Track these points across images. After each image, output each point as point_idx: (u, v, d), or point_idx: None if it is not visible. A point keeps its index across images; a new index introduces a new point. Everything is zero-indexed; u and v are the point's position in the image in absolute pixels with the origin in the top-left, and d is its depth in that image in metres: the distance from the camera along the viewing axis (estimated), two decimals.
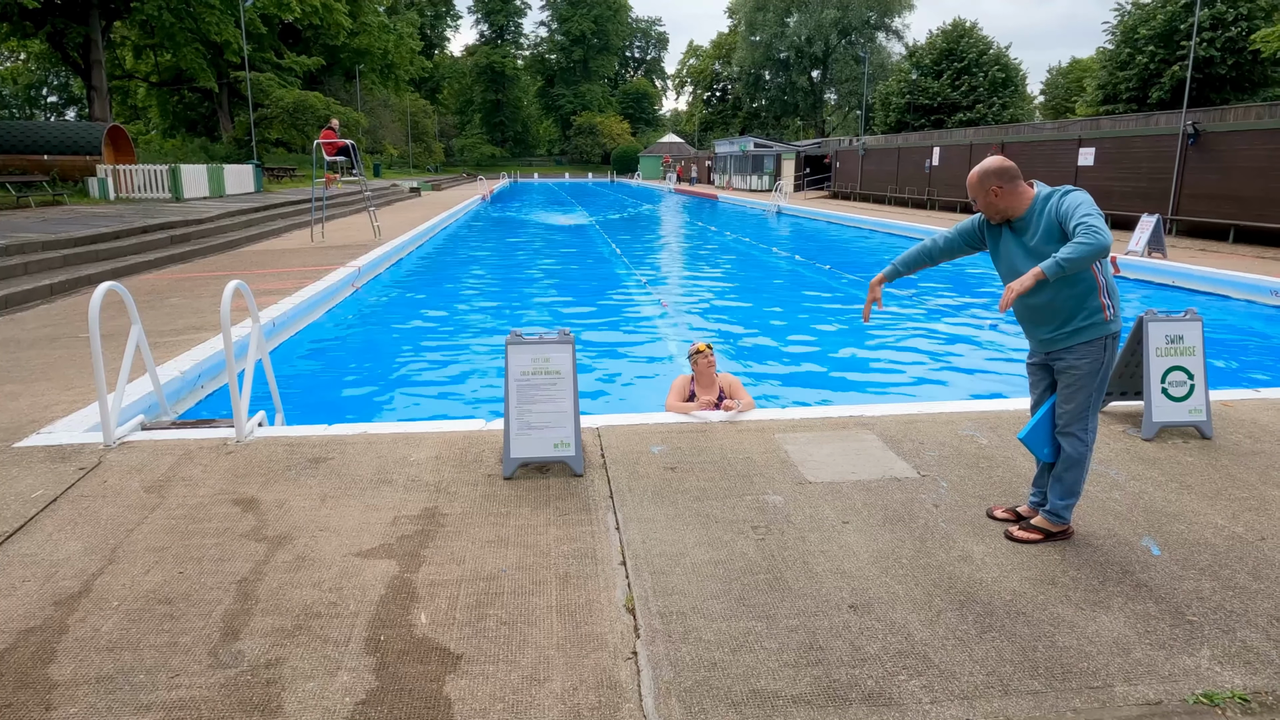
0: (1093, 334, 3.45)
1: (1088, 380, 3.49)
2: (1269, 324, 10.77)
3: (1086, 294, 3.42)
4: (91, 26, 32.48)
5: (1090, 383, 3.50)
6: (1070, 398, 3.55)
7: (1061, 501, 3.63)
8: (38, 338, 7.99)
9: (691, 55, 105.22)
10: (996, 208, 3.53)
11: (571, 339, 4.50)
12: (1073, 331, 3.48)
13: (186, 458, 4.66)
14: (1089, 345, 3.46)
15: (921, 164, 31.68)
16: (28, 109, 77.30)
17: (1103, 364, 3.49)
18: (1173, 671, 2.75)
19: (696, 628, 2.99)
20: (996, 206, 3.53)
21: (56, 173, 23.53)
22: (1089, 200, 3.34)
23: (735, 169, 52.91)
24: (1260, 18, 33.32)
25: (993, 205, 3.53)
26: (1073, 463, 3.58)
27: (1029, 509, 3.85)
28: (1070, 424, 3.56)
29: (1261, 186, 17.43)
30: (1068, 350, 3.51)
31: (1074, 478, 3.59)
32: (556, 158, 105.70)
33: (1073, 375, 3.52)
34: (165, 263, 13.62)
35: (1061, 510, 3.63)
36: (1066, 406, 3.57)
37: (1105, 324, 3.44)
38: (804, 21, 79.07)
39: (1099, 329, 3.44)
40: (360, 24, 52.76)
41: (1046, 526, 3.66)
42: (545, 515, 3.94)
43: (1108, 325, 3.45)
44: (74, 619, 3.04)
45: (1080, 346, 3.48)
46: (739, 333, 10.28)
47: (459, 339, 9.86)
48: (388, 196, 34.96)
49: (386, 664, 2.78)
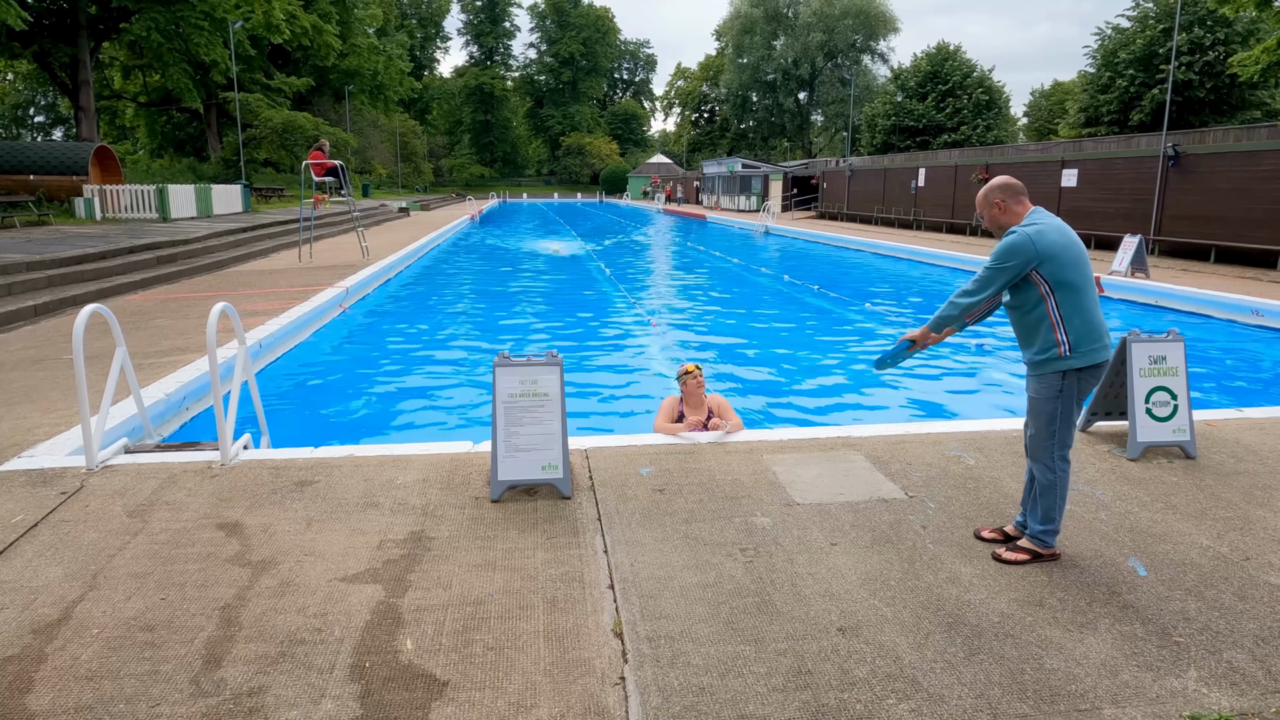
0: (1048, 368, 3.49)
1: (1043, 408, 3.53)
2: (1251, 343, 10.89)
3: (1038, 325, 3.48)
4: (80, 47, 32.48)
5: (1044, 410, 3.52)
6: (1031, 423, 3.63)
7: (1040, 527, 3.64)
8: (21, 359, 7.91)
9: (679, 77, 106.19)
10: (998, 222, 3.61)
11: (559, 361, 4.50)
12: (1032, 362, 3.56)
13: (170, 481, 4.61)
14: (1046, 377, 3.51)
15: (907, 185, 31.99)
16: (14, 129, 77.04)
17: (1059, 396, 3.47)
18: (1160, 693, 2.76)
19: (685, 652, 2.98)
20: (998, 221, 3.61)
21: (43, 193, 23.41)
22: (997, 251, 3.47)
23: (723, 189, 53.28)
24: (1237, 42, 33.95)
25: (995, 220, 3.62)
26: (1043, 489, 3.60)
27: (1015, 529, 3.87)
28: (1035, 451, 3.61)
29: (1242, 207, 17.69)
30: (1034, 377, 3.59)
31: (1047, 504, 3.60)
32: (545, 178, 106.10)
33: (1030, 400, 3.61)
34: (151, 283, 13.55)
35: (1041, 535, 3.65)
36: (1031, 430, 3.64)
37: (1059, 359, 3.44)
38: (790, 44, 79.98)
39: (1054, 364, 3.47)
40: (350, 45, 53.00)
41: (1033, 548, 3.67)
42: (533, 538, 3.92)
43: (1063, 360, 3.44)
44: (53, 647, 3.00)
45: (1040, 377, 3.54)
46: (728, 353, 10.30)
47: (447, 360, 9.84)
48: (376, 216, 34.97)
49: (371, 691, 2.75)
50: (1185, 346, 5.14)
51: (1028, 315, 3.51)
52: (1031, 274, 3.44)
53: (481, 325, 12.22)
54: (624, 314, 13.31)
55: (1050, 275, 3.41)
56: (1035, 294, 3.46)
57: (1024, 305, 3.51)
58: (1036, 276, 3.43)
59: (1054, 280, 3.41)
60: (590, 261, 22.14)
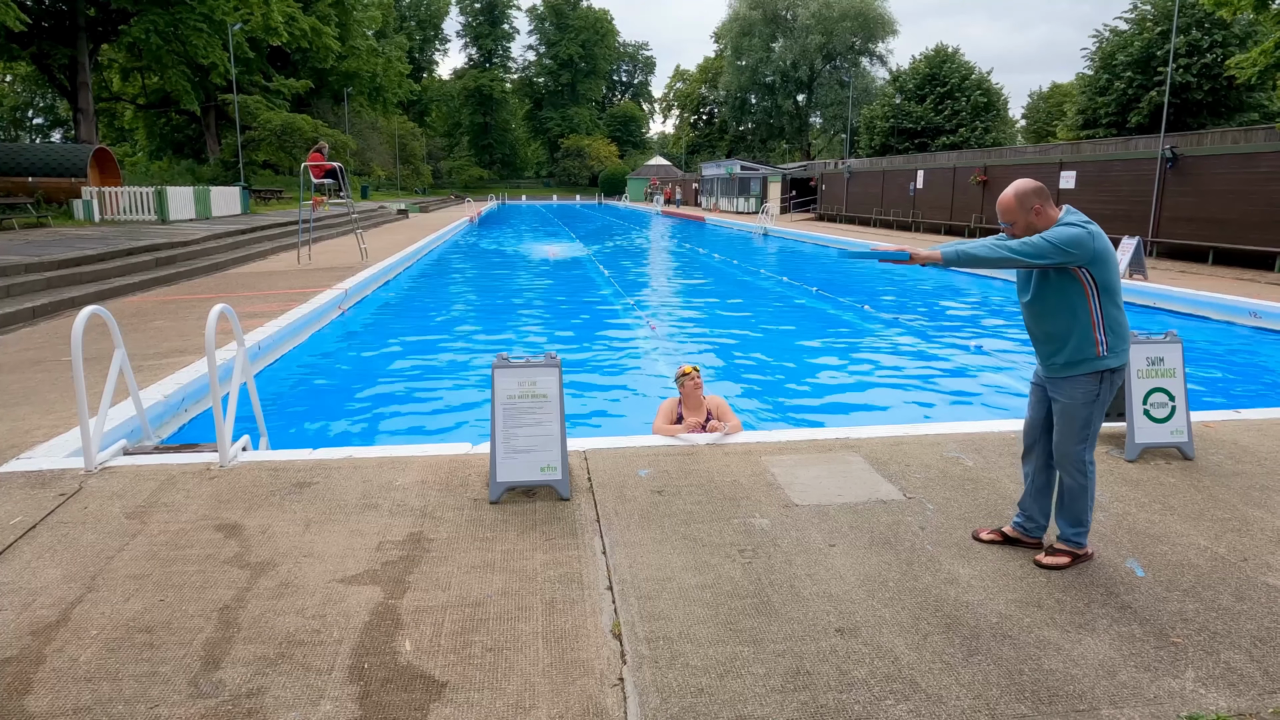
0: (1083, 369, 3.46)
1: (1077, 413, 3.50)
2: (1248, 345, 10.90)
3: (1073, 325, 3.42)
4: (79, 49, 32.51)
5: (1079, 415, 3.50)
6: (1061, 429, 3.57)
7: (1071, 530, 3.65)
8: (20, 361, 7.91)
9: (678, 79, 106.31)
10: (1034, 227, 3.46)
11: (558, 362, 4.50)
12: (1065, 364, 3.50)
13: (169, 483, 4.61)
14: (1079, 380, 3.48)
15: (906, 186, 32.02)
16: (13, 131, 77.00)
17: (1096, 398, 3.47)
18: (1158, 694, 2.76)
19: (683, 653, 2.98)
20: (1034, 226, 3.46)
21: (41, 195, 23.42)
22: (1060, 234, 3.31)
23: (722, 191, 53.32)
24: (1234, 44, 34.03)
25: (1030, 225, 3.46)
26: (1074, 494, 3.61)
27: (1014, 530, 3.87)
28: (1066, 457, 3.58)
29: (1239, 209, 17.72)
30: (1065, 381, 3.53)
31: (1080, 508, 3.62)
32: (544, 180, 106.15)
33: (1061, 406, 3.55)
34: (150, 285, 13.55)
35: (1074, 538, 3.66)
36: (1060, 437, 3.59)
37: (1097, 359, 3.43)
38: (789, 46, 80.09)
39: (1090, 364, 3.44)
40: (349, 48, 53.06)
41: (1071, 550, 3.67)
42: (532, 540, 3.92)
43: (1100, 360, 3.43)
44: (51, 649, 3.00)
45: (1071, 380, 3.50)
46: (726, 354, 10.31)
47: (446, 362, 9.84)
48: (375, 218, 34.98)
49: (370, 692, 2.75)
50: (1183, 348, 5.15)
51: (1060, 315, 3.42)
52: (1078, 271, 3.36)
53: (480, 327, 12.23)
54: (623, 315, 13.31)
55: (1098, 277, 3.36)
56: (1077, 292, 3.38)
57: (1059, 305, 3.41)
58: (1084, 276, 3.35)
59: (1100, 282, 3.37)
60: (589, 263, 22.15)
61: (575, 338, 11.42)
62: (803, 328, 12.47)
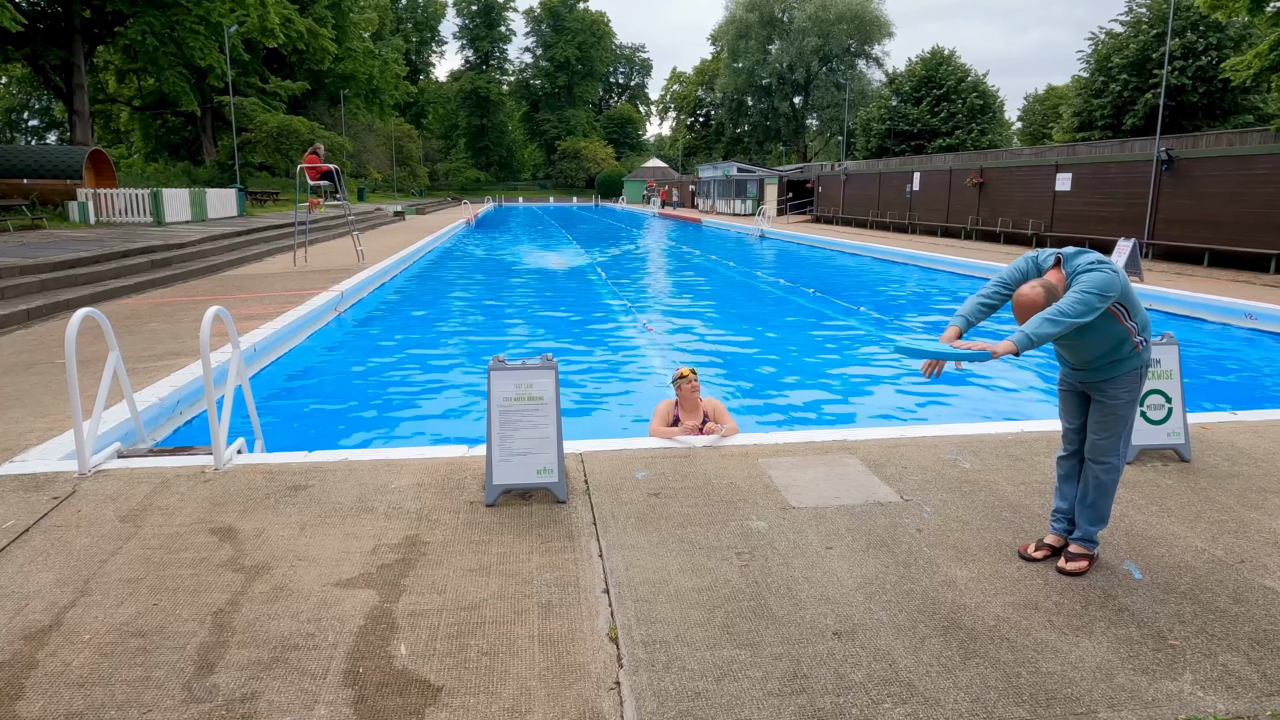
0: (1126, 367, 3.56)
1: (1124, 410, 3.59)
2: (1244, 347, 10.92)
3: (1110, 336, 3.52)
4: (74, 51, 32.40)
5: (1125, 413, 3.59)
6: (1107, 426, 3.62)
7: (1093, 527, 3.68)
8: (13, 364, 7.88)
9: (675, 81, 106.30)
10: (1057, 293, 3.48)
11: (554, 365, 4.49)
12: (1110, 364, 3.57)
13: (163, 486, 4.59)
14: (1123, 379, 3.57)
15: (902, 189, 32.06)
16: (8, 132, 76.84)
17: (1138, 393, 3.61)
18: (1156, 696, 2.75)
19: (680, 657, 2.97)
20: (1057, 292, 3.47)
21: (36, 196, 23.33)
22: (1096, 284, 3.33)
23: (719, 193, 53.32)
24: (1229, 47, 34.14)
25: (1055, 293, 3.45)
26: (1104, 489, 3.65)
27: (1057, 538, 3.82)
28: (1105, 453, 3.63)
29: (1234, 211, 17.77)
30: (1107, 382, 3.59)
31: (1106, 502, 3.67)
32: (541, 182, 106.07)
33: (1109, 406, 3.60)
34: (145, 287, 13.51)
35: (1094, 535, 3.69)
36: (1102, 435, 3.63)
37: (1137, 355, 3.57)
38: (785, 49, 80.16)
39: (1132, 361, 3.56)
40: (345, 50, 53.03)
41: (1087, 552, 3.68)
42: (528, 543, 3.90)
43: (1139, 356, 3.57)
44: (44, 653, 2.98)
45: (1116, 380, 3.57)
46: (723, 357, 10.30)
47: (441, 364, 9.82)
48: (372, 220, 34.94)
49: (365, 697, 2.74)
50: (1179, 350, 5.15)
51: (1101, 343, 3.53)
52: (1112, 307, 3.50)
53: (476, 329, 12.21)
54: (619, 317, 13.30)
55: (1126, 302, 3.51)
56: (1113, 320, 3.50)
57: (1101, 339, 3.53)
58: (1116, 307, 3.51)
59: (1129, 304, 3.52)
60: (586, 265, 22.14)
61: (572, 340, 11.41)
62: (800, 330, 12.47)
